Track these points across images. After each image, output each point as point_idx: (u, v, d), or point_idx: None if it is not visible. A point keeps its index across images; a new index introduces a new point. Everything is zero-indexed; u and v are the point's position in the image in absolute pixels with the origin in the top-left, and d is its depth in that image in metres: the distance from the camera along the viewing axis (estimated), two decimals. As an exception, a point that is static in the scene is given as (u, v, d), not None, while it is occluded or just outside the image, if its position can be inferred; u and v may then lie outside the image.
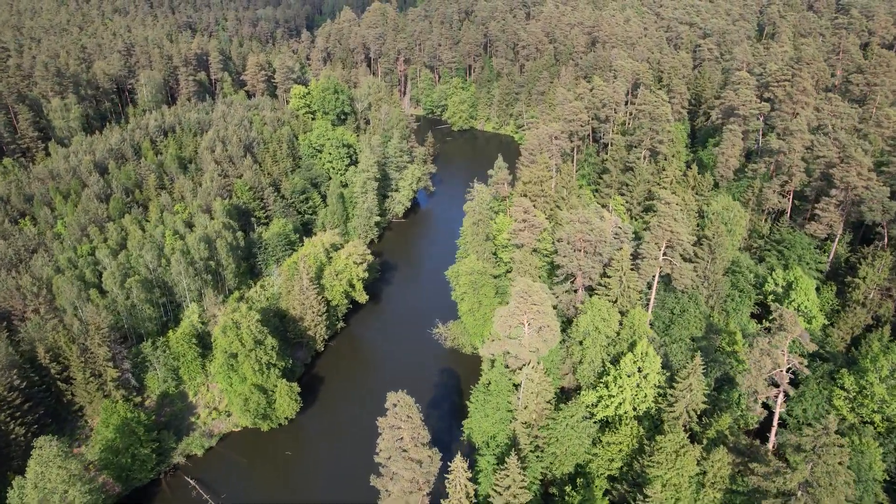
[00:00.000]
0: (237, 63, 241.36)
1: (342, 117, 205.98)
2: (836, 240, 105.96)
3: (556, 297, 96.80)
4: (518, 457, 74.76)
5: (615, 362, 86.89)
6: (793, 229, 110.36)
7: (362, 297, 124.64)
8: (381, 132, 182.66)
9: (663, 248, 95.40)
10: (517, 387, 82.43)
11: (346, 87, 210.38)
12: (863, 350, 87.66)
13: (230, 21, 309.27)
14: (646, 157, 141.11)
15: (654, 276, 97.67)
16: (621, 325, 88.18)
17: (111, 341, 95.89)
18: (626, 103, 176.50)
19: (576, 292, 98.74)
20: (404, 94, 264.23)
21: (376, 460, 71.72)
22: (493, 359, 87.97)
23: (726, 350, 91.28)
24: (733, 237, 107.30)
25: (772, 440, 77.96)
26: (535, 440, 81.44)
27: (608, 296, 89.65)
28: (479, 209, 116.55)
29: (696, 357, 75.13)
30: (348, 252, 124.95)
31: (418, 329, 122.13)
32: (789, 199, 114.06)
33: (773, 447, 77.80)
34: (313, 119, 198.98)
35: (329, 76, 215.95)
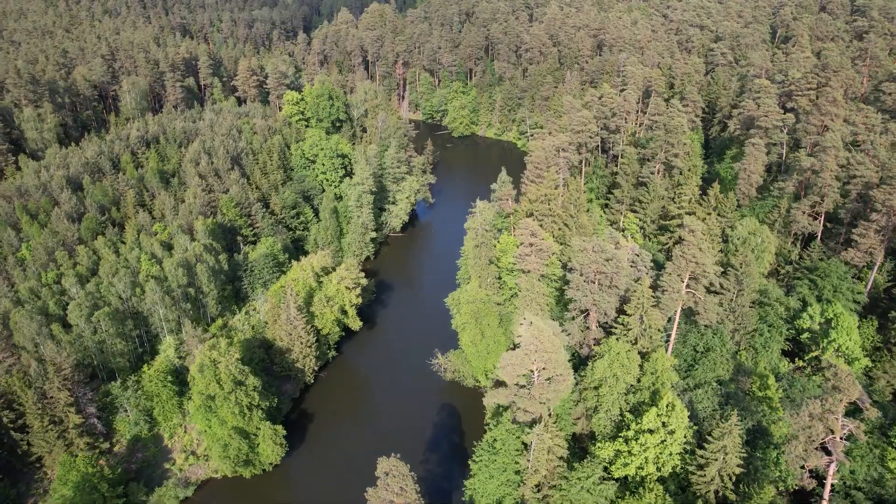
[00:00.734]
0: (228, 67, 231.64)
1: (337, 125, 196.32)
2: (876, 268, 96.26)
3: (568, 334, 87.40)
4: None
5: (635, 412, 77.54)
6: (826, 255, 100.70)
7: (356, 324, 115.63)
8: (378, 141, 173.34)
9: (686, 281, 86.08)
10: (526, 445, 73.02)
11: (341, 93, 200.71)
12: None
13: (225, 22, 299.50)
14: (660, 171, 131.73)
15: (675, 311, 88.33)
16: (642, 369, 78.75)
17: (75, 382, 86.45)
18: (638, 112, 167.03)
19: (589, 329, 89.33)
20: (403, 98, 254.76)
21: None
22: (499, 410, 78.53)
23: (758, 395, 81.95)
24: (760, 264, 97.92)
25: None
26: (546, 498, 72.27)
27: (627, 336, 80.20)
28: (481, 231, 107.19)
29: (732, 416, 65.73)
30: (340, 276, 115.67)
31: (416, 357, 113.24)
32: (820, 222, 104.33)
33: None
34: (307, 126, 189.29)
35: (324, 81, 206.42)
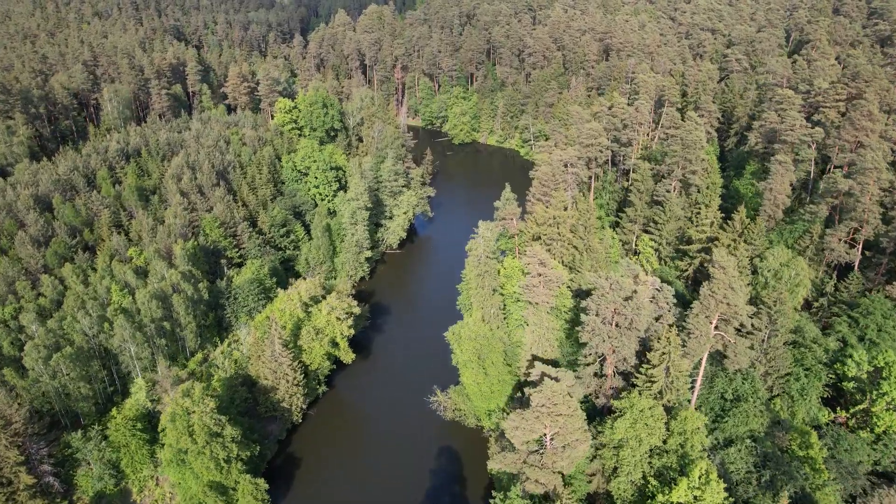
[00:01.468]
0: (219, 73, 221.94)
1: (332, 134, 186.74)
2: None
3: (583, 381, 78.03)
4: None
5: (660, 476, 68.18)
6: (866, 288, 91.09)
7: (348, 356, 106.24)
8: (375, 152, 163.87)
9: (715, 322, 76.67)
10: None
11: (335, 100, 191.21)
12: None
13: (220, 25, 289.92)
14: (676, 189, 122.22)
15: (703, 356, 78.95)
16: (668, 428, 69.36)
17: (28, 437, 77.07)
18: (650, 123, 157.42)
19: (605, 376, 79.88)
20: (401, 104, 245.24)
21: None
22: (505, 478, 69.18)
23: (798, 454, 72.53)
24: (794, 299, 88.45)
25: None
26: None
27: (650, 390, 70.78)
28: (483, 259, 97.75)
29: (783, 498, 56.25)
30: (331, 306, 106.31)
31: (414, 392, 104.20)
32: (858, 250, 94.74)
33: None
34: (300, 136, 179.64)
35: (318, 88, 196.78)
